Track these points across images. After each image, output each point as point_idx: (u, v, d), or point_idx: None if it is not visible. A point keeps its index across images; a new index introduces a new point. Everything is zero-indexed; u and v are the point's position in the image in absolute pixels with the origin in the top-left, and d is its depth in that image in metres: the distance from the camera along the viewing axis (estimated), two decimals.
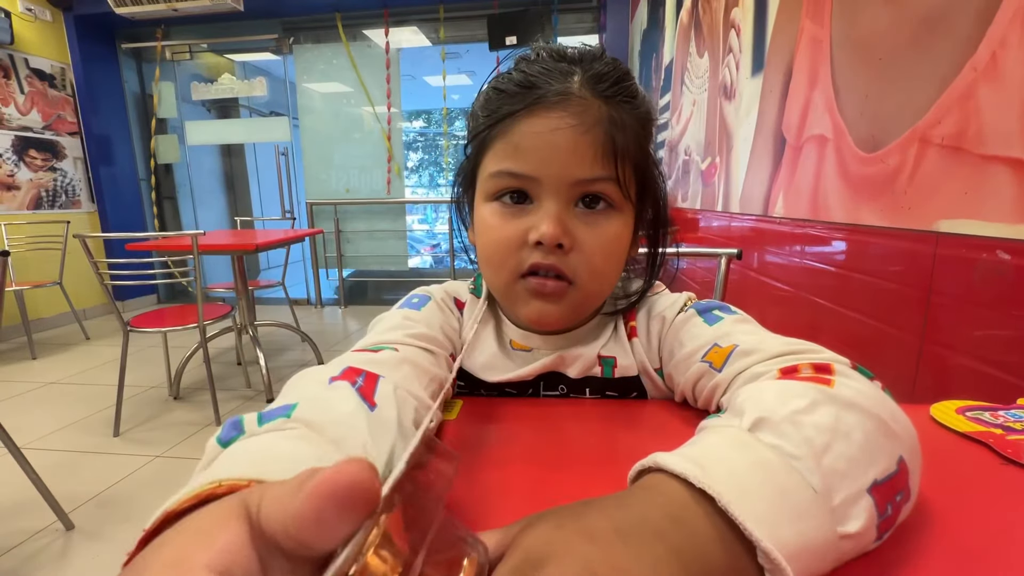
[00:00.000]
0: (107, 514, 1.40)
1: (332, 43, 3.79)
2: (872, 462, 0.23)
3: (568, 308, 0.39)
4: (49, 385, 2.42)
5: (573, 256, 0.38)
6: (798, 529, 0.20)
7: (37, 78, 3.51)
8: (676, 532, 0.19)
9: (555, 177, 0.37)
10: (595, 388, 0.45)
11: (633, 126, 0.39)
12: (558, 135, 0.36)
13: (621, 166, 0.37)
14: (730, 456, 0.22)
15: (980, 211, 0.58)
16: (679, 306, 0.43)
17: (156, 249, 2.11)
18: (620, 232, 0.39)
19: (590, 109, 0.37)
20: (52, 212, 3.59)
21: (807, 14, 0.99)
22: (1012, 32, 0.53)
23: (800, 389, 0.25)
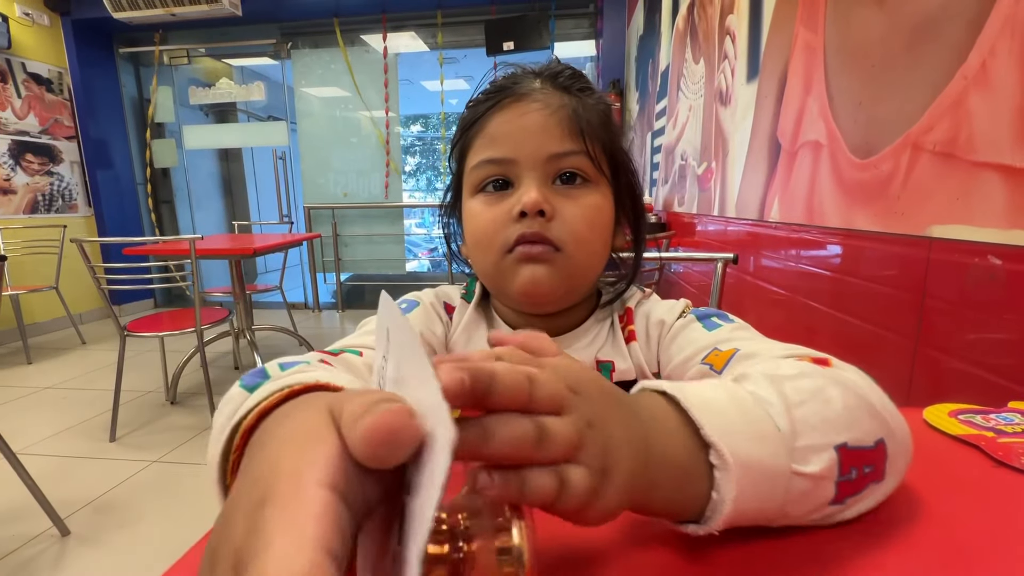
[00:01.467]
0: (103, 520, 1.39)
1: (330, 48, 3.80)
2: (846, 428, 0.24)
3: (559, 275, 0.40)
4: (45, 390, 2.41)
5: (556, 224, 0.39)
6: (753, 448, 0.22)
7: (34, 82, 3.51)
8: (650, 421, 0.22)
9: (530, 156, 0.40)
10: None
11: (595, 111, 0.42)
12: (527, 118, 0.40)
13: (590, 141, 0.40)
14: (706, 389, 0.25)
15: (972, 217, 0.59)
16: (678, 311, 0.44)
17: (153, 253, 2.11)
18: (599, 204, 0.41)
19: (553, 96, 0.41)
20: (49, 216, 3.58)
21: (801, 21, 1.00)
22: (1001, 41, 0.54)
23: (794, 364, 0.28)
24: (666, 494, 0.22)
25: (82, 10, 3.60)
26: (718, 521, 0.22)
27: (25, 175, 3.45)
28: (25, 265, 3.19)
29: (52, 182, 3.62)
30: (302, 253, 4.11)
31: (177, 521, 1.38)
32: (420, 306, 0.47)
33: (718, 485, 0.22)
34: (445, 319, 0.48)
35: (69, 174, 3.74)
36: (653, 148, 2.55)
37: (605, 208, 0.42)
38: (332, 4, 3.51)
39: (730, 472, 0.21)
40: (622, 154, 0.44)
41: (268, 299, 4.17)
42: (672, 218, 2.14)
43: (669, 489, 0.22)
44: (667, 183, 2.28)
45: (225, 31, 3.87)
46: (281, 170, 4.18)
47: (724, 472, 0.22)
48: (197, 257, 1.84)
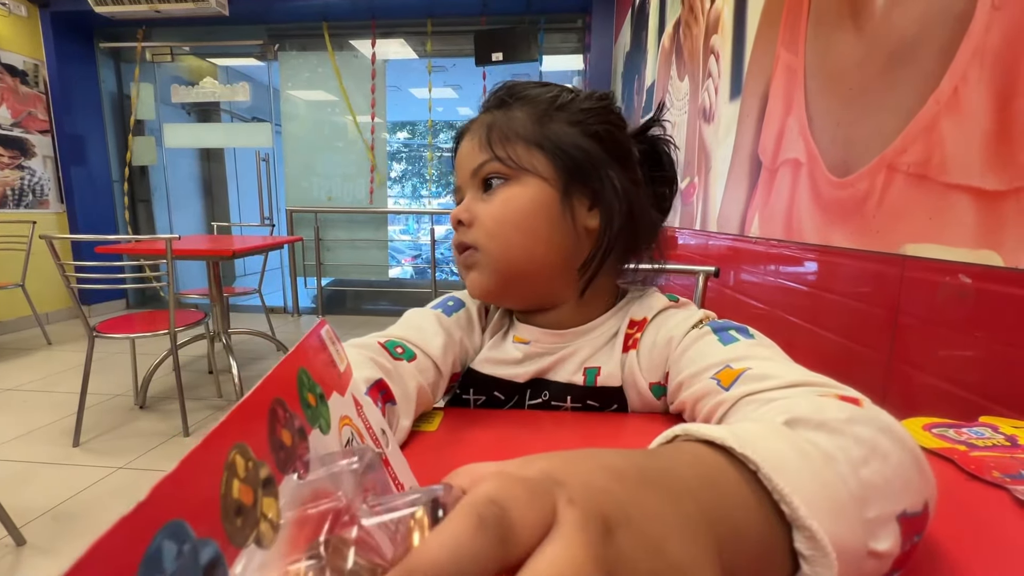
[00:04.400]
0: (61, 529, 1.33)
1: (318, 51, 3.78)
2: (905, 491, 0.21)
3: (486, 272, 0.45)
4: (6, 392, 2.31)
5: (473, 229, 0.44)
6: (836, 525, 0.18)
7: (8, 74, 3.41)
8: (707, 491, 0.17)
9: (463, 178, 0.47)
10: (576, 397, 0.45)
11: (523, 114, 0.45)
12: (462, 149, 0.47)
13: (498, 144, 0.44)
14: (768, 437, 0.20)
15: (943, 236, 0.60)
16: (692, 323, 0.43)
17: (127, 252, 2.05)
18: (511, 196, 0.44)
19: (481, 120, 0.47)
20: (18, 211, 3.46)
21: (783, 44, 1.03)
22: (972, 68, 0.57)
23: (836, 404, 0.24)
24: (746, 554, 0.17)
25: (62, 3, 3.52)
26: None
27: None
28: None
29: (23, 176, 3.51)
30: (283, 256, 4.05)
31: None
32: (465, 310, 0.51)
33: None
34: (482, 323, 0.52)
35: (42, 169, 3.63)
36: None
37: (520, 199, 0.43)
38: (321, 8, 3.50)
39: (830, 560, 0.17)
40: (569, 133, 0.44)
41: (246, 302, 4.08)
42: None
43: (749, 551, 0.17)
44: None
45: (211, 30, 3.82)
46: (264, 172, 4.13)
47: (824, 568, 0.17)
48: (173, 258, 1.80)
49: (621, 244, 0.45)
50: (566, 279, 0.46)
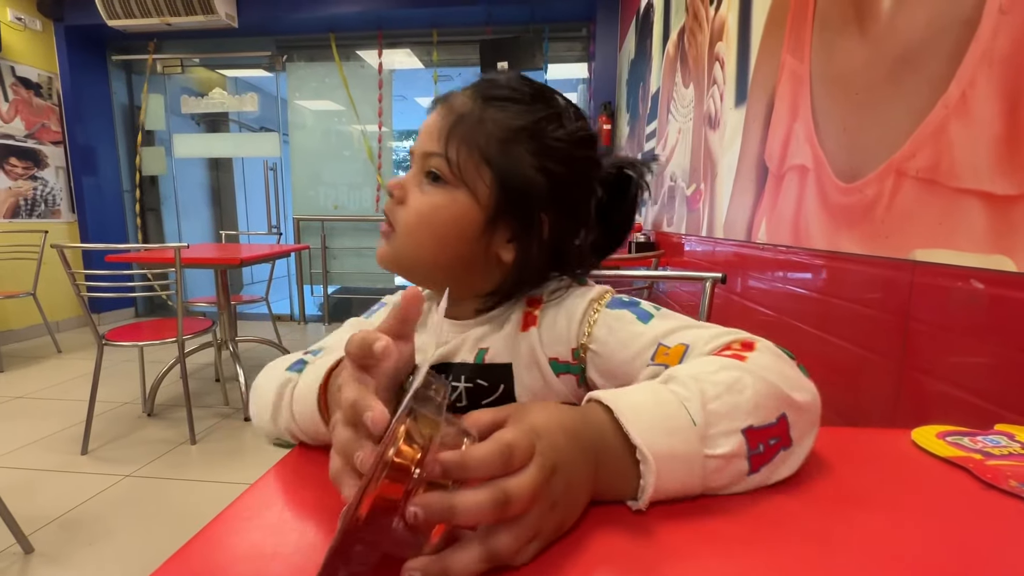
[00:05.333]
0: (69, 537, 1.34)
1: (325, 62, 3.83)
2: (754, 412, 0.30)
3: (390, 252, 0.46)
4: (16, 399, 2.33)
5: (401, 208, 0.45)
6: (669, 441, 0.28)
7: (23, 86, 3.48)
8: (595, 436, 0.29)
9: (416, 151, 0.46)
10: (468, 376, 0.47)
11: (493, 125, 0.43)
12: (428, 120, 0.46)
13: (454, 145, 0.43)
14: (638, 394, 0.31)
15: (954, 241, 0.60)
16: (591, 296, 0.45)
17: (137, 261, 2.07)
18: (440, 204, 0.43)
19: (462, 104, 0.44)
20: (30, 221, 3.51)
21: (788, 50, 1.03)
22: (980, 73, 0.56)
23: (716, 361, 0.34)
24: (613, 486, 0.29)
25: (76, 17, 3.59)
26: (645, 500, 0.28)
27: (8, 179, 3.39)
28: (2, 270, 3.12)
29: (36, 187, 3.57)
30: (289, 265, 4.08)
31: (147, 539, 1.33)
32: (386, 307, 0.55)
33: (643, 473, 0.28)
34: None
35: (54, 179, 3.69)
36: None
37: (448, 209, 0.43)
38: (328, 19, 3.55)
39: (649, 464, 0.28)
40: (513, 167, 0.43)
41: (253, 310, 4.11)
42: (661, 238, 2.16)
43: (615, 483, 0.29)
44: (656, 203, 2.31)
45: (220, 42, 3.88)
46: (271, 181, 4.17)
47: (645, 464, 0.28)
48: (182, 266, 1.81)
49: (535, 279, 0.47)
50: (464, 289, 0.47)
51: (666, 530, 0.27)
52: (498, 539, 0.24)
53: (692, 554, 0.25)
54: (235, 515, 0.29)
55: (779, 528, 0.27)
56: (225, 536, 0.28)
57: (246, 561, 0.26)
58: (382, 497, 0.21)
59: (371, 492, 0.21)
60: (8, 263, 3.08)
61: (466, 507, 0.23)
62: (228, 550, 0.27)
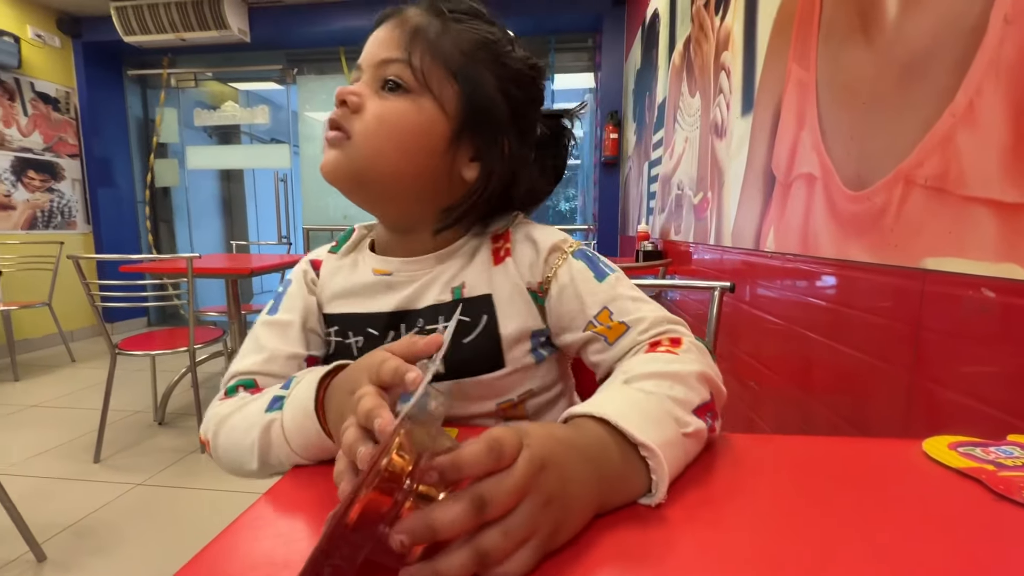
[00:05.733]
0: (81, 545, 1.35)
1: (335, 75, 3.89)
2: (695, 393, 0.37)
3: (344, 161, 0.43)
4: (31, 408, 2.36)
5: (356, 117, 0.43)
6: (659, 431, 0.31)
7: (42, 101, 3.57)
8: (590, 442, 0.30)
9: (367, 60, 0.44)
10: (447, 315, 0.45)
11: (454, 37, 0.43)
12: (381, 31, 0.45)
13: (418, 52, 0.42)
14: (615, 401, 0.34)
15: (964, 249, 0.59)
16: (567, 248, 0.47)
17: (150, 271, 2.10)
18: (404, 110, 0.43)
19: (417, 16, 0.44)
20: (46, 232, 3.58)
21: (794, 59, 1.04)
22: (987, 81, 0.56)
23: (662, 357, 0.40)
24: (620, 490, 0.30)
25: (93, 33, 3.69)
26: (663, 491, 0.30)
27: (26, 191, 3.47)
28: (19, 281, 3.18)
29: (52, 199, 3.64)
30: None
31: (158, 547, 1.34)
32: (294, 283, 0.51)
33: (653, 468, 0.30)
34: (312, 278, 0.52)
35: (70, 191, 3.76)
36: (650, 178, 2.59)
37: (411, 116, 0.43)
38: (338, 33, 3.61)
39: (658, 456, 0.30)
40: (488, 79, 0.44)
41: None
42: (669, 246, 2.16)
43: (621, 487, 0.30)
44: (664, 212, 2.31)
45: (232, 56, 3.96)
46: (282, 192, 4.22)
47: (654, 458, 0.30)
48: (194, 276, 1.84)
49: (491, 204, 0.47)
50: (423, 209, 0.46)
51: (673, 542, 0.27)
52: (486, 538, 0.23)
53: (700, 569, 0.25)
54: (247, 524, 0.30)
55: (789, 539, 0.27)
56: (237, 544, 0.28)
57: (258, 569, 0.26)
58: (372, 504, 0.22)
59: (362, 498, 0.21)
60: (25, 274, 3.14)
61: (444, 521, 0.22)
62: (240, 559, 0.27)
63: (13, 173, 3.39)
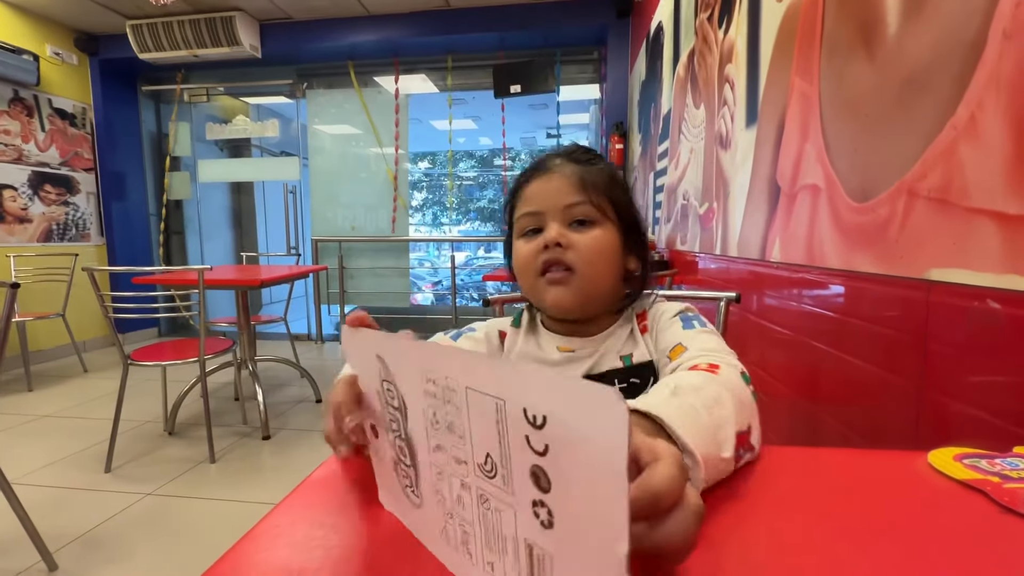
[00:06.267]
0: (92, 555, 1.36)
1: (344, 88, 3.96)
2: (736, 422, 0.37)
3: (575, 291, 0.55)
4: (43, 418, 2.39)
5: (570, 252, 0.55)
6: (704, 447, 0.33)
7: (59, 117, 3.65)
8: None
9: (552, 207, 0.57)
10: (621, 378, 0.57)
11: (601, 175, 0.58)
12: (551, 182, 0.58)
13: (593, 194, 0.56)
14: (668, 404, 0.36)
15: (969, 261, 0.60)
16: (673, 312, 0.59)
17: (162, 283, 2.13)
18: (602, 236, 0.56)
19: (567, 167, 0.58)
20: (61, 245, 3.65)
21: (797, 72, 1.05)
22: (988, 95, 0.57)
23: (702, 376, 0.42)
24: None
25: (109, 51, 3.78)
26: None
27: (42, 205, 3.54)
28: (34, 292, 3.23)
29: (68, 212, 3.71)
30: (307, 285, 4.15)
31: (168, 557, 1.35)
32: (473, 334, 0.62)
33: (693, 476, 0.32)
34: (496, 344, 0.63)
35: (85, 204, 3.83)
36: (655, 188, 2.60)
37: (608, 239, 0.57)
38: (347, 48, 3.68)
39: (700, 468, 0.32)
40: (625, 201, 0.59)
41: (271, 330, 4.18)
42: (675, 256, 2.16)
43: None
44: (669, 222, 2.32)
45: (244, 71, 4.04)
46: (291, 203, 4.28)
47: (696, 468, 0.32)
48: (205, 287, 1.87)
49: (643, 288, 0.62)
50: (607, 303, 0.60)
51: None
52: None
53: None
54: (264, 532, 0.31)
55: (794, 550, 0.28)
56: (254, 553, 0.29)
57: None
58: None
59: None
60: (40, 285, 3.20)
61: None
62: (257, 567, 0.28)
63: (30, 187, 3.46)
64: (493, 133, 6.50)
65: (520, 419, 0.20)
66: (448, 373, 0.24)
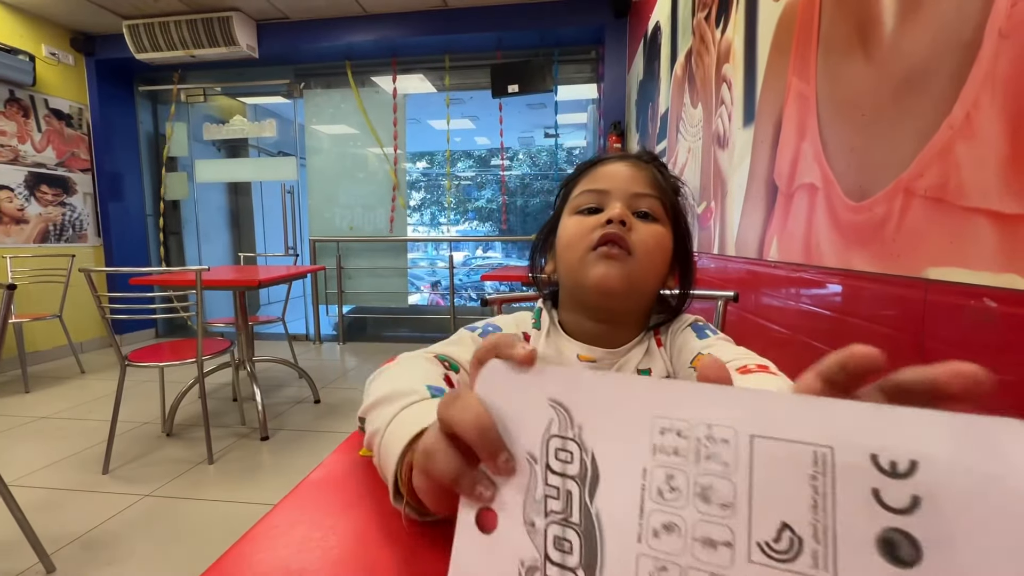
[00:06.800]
0: (90, 556, 1.36)
1: (341, 88, 3.95)
2: None
3: (625, 274, 0.51)
4: (40, 419, 2.38)
5: (632, 234, 0.52)
6: None
7: (55, 117, 3.64)
8: None
9: (620, 189, 0.54)
10: None
11: (668, 180, 0.58)
12: (622, 167, 0.56)
13: (662, 191, 0.55)
14: None
15: (965, 259, 0.60)
16: (686, 323, 0.59)
17: (160, 283, 2.13)
18: (664, 234, 0.54)
19: (642, 162, 0.57)
20: (58, 246, 3.64)
21: (794, 72, 1.05)
22: (984, 94, 0.57)
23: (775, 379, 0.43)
24: None
25: (106, 51, 3.77)
26: None
27: (39, 205, 3.53)
28: (31, 293, 3.23)
29: (64, 212, 3.70)
30: (305, 285, 4.14)
31: (166, 558, 1.35)
32: (504, 332, 0.58)
33: None
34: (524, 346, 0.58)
35: (82, 205, 3.82)
36: None
37: (667, 240, 0.55)
38: (344, 48, 3.67)
39: None
40: (683, 216, 0.58)
41: (269, 330, 4.17)
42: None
43: None
44: None
45: (241, 72, 4.03)
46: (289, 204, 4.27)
47: None
48: (203, 288, 1.86)
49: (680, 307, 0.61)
50: (643, 310, 0.59)
51: None
52: None
53: None
54: (262, 533, 0.31)
55: None
56: (253, 554, 0.29)
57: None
58: None
59: None
60: (37, 286, 3.19)
61: None
62: (255, 568, 0.28)
63: (27, 188, 3.45)
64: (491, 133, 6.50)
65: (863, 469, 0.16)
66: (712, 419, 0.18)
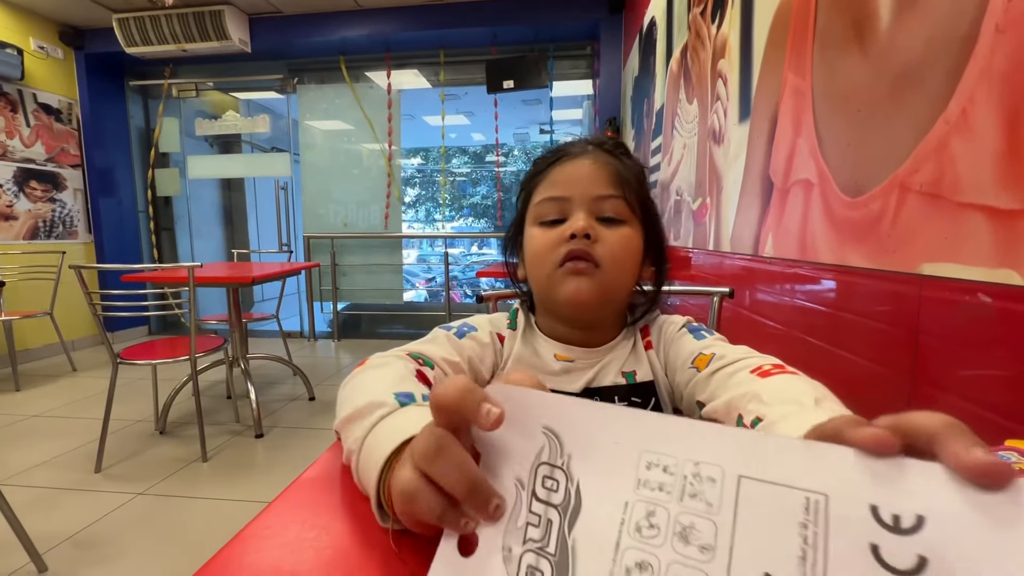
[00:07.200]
0: (82, 556, 1.35)
1: (335, 83, 3.92)
2: None
3: (597, 287, 0.50)
4: (32, 418, 2.36)
5: (598, 246, 0.50)
6: None
7: (44, 112, 3.59)
8: None
9: (581, 195, 0.51)
10: (622, 396, 0.54)
11: (631, 170, 0.54)
12: (581, 168, 0.53)
13: (626, 189, 0.52)
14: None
15: (960, 255, 0.60)
16: (679, 324, 0.57)
17: (152, 280, 2.11)
18: (631, 236, 0.52)
19: (600, 156, 0.54)
20: (48, 242, 3.59)
21: (789, 67, 1.05)
22: (979, 90, 0.57)
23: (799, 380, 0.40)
24: None
25: (96, 45, 3.72)
26: None
27: (28, 201, 3.48)
28: (21, 291, 3.19)
29: (54, 209, 3.65)
30: (299, 282, 4.12)
31: (159, 558, 1.34)
32: (476, 333, 0.56)
33: None
34: (498, 348, 0.57)
35: (72, 201, 3.78)
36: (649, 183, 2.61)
37: (635, 240, 0.53)
38: (338, 43, 3.64)
39: None
40: (651, 205, 0.56)
41: (263, 327, 4.15)
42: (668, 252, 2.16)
43: None
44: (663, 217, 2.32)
45: (233, 66, 3.99)
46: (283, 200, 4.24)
47: None
48: (196, 285, 1.85)
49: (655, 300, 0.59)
50: (617, 311, 0.57)
51: None
52: None
53: None
54: (254, 534, 0.30)
55: None
56: (245, 555, 0.29)
57: None
58: None
59: None
60: (26, 283, 3.15)
61: None
62: (247, 568, 0.28)
63: (15, 183, 3.41)
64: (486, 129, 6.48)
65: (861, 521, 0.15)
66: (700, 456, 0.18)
